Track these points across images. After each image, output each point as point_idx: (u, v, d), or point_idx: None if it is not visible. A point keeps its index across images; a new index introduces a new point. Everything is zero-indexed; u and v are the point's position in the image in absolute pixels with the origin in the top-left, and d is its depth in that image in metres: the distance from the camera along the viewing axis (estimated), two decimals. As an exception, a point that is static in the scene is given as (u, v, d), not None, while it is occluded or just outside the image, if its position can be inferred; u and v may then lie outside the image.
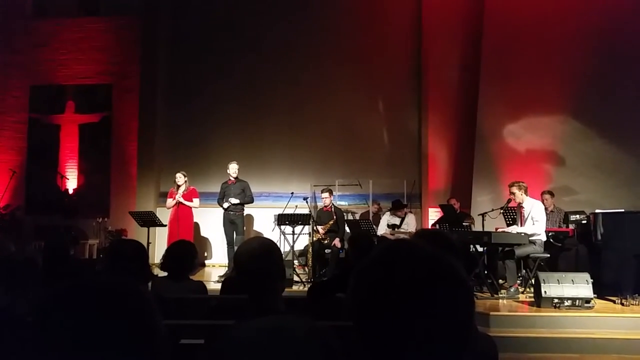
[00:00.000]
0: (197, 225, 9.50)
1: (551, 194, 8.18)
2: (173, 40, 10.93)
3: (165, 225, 8.39)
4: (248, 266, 2.02)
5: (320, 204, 9.25)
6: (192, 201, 8.60)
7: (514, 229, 6.93)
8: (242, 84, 10.50)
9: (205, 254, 10.29)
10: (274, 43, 10.52)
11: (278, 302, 2.06)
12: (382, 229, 8.62)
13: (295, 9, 10.53)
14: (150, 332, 0.92)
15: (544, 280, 5.97)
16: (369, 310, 0.90)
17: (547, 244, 7.10)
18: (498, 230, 7.18)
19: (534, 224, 6.77)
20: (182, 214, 8.51)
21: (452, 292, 0.90)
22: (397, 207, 8.67)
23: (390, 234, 8.48)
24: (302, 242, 8.72)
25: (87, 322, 0.87)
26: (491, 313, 5.73)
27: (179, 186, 8.58)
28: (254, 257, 2.02)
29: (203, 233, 10.18)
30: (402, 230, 8.47)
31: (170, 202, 8.59)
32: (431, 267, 0.91)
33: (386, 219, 8.76)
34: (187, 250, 3.70)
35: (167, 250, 3.74)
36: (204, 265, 10.07)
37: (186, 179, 8.62)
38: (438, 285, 0.90)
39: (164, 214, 8.70)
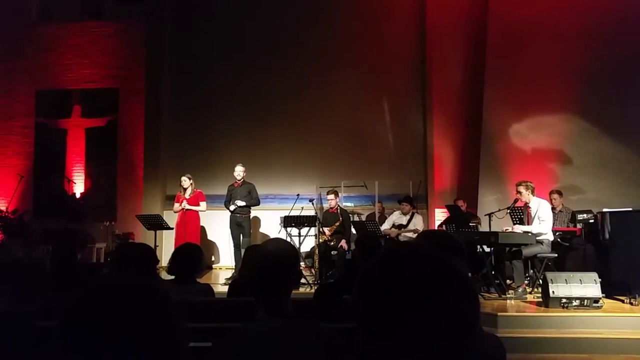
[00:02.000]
0: (203, 228, 9.51)
1: (559, 193, 8.13)
2: (178, 43, 10.96)
3: (172, 229, 8.42)
4: (272, 269, 1.98)
5: (326, 206, 9.25)
6: (198, 205, 8.62)
7: (519, 228, 6.91)
8: (247, 87, 10.51)
9: (212, 257, 10.31)
10: (279, 46, 10.54)
11: (287, 305, 2.05)
12: (386, 225, 8.66)
13: (300, 13, 10.55)
14: (174, 332, 0.96)
15: (551, 280, 5.94)
16: (374, 312, 0.90)
17: (554, 244, 7.06)
18: (504, 230, 7.15)
19: (540, 223, 6.74)
20: (189, 217, 8.54)
21: (457, 294, 0.90)
22: (402, 200, 8.72)
23: (397, 234, 8.48)
24: (309, 243, 8.72)
25: (115, 321, 0.91)
26: (499, 313, 5.71)
27: (185, 189, 8.60)
28: (280, 263, 1.99)
29: (209, 236, 10.20)
30: (409, 229, 8.47)
31: (177, 207, 8.63)
32: (436, 269, 0.92)
33: (393, 218, 8.78)
34: (193, 253, 3.71)
35: (173, 254, 3.74)
36: (210, 267, 10.08)
37: (192, 181, 8.63)
38: (443, 287, 0.90)
39: (171, 217, 8.73)
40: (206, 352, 1.83)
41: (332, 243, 8.39)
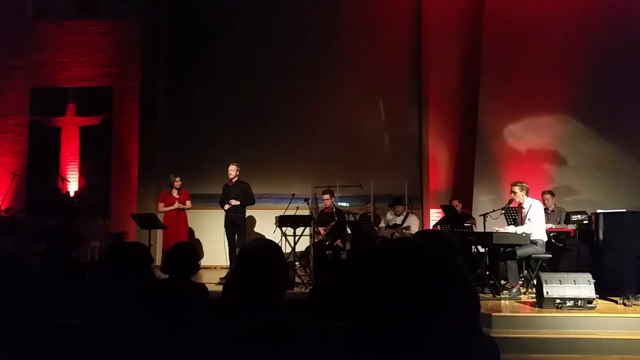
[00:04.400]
0: (191, 227, 9.49)
1: (551, 193, 8.17)
2: (173, 41, 10.92)
3: (166, 227, 8.43)
4: (251, 266, 2.02)
5: (321, 206, 9.25)
6: (185, 204, 8.79)
7: (510, 229, 6.94)
8: (242, 86, 10.49)
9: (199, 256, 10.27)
10: (275, 44, 10.51)
11: (279, 300, 2.05)
12: (382, 225, 8.75)
13: (295, 12, 10.53)
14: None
15: (545, 280, 5.96)
16: (373, 310, 0.90)
17: (548, 244, 7.08)
18: (494, 231, 7.17)
19: (526, 223, 6.79)
20: (181, 217, 8.67)
21: (457, 292, 0.90)
22: (393, 203, 8.76)
23: (392, 234, 8.49)
24: (304, 243, 8.71)
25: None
26: (493, 314, 5.72)
27: (176, 190, 8.69)
28: (258, 258, 2.02)
29: (197, 235, 10.16)
30: (404, 226, 8.50)
31: (161, 206, 8.76)
32: (436, 267, 0.91)
33: (388, 217, 8.83)
34: (189, 252, 3.69)
35: (168, 252, 3.73)
36: (198, 267, 10.02)
37: (181, 182, 8.76)
38: (443, 286, 0.89)
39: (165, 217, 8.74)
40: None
41: (327, 243, 8.39)
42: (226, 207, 8.32)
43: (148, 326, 0.95)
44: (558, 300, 5.85)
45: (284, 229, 8.28)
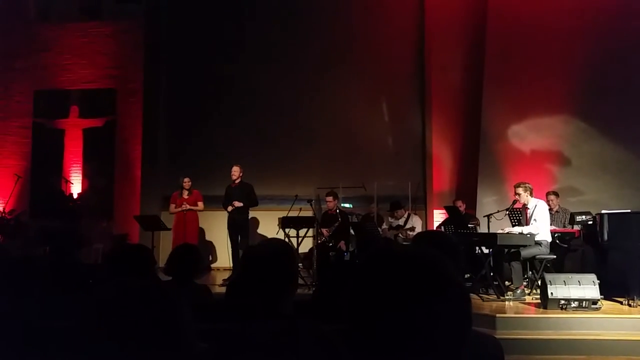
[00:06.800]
0: (202, 229, 9.51)
1: (556, 194, 8.13)
2: (176, 43, 10.94)
3: (169, 229, 8.42)
4: (256, 268, 1.98)
5: (324, 207, 9.23)
6: (197, 205, 8.69)
7: (516, 230, 6.91)
8: (245, 87, 10.48)
9: (210, 258, 10.28)
10: (277, 46, 10.51)
11: (286, 306, 2.02)
12: (384, 225, 8.77)
13: (298, 14, 10.53)
14: (183, 332, 1.01)
15: (550, 281, 5.94)
16: (365, 313, 0.90)
17: (553, 245, 7.06)
18: (500, 232, 7.15)
19: (532, 223, 6.77)
20: (188, 217, 8.60)
21: (445, 293, 0.90)
22: (392, 209, 8.73)
23: (394, 235, 8.48)
24: (307, 245, 8.70)
25: (126, 324, 0.95)
26: (497, 315, 5.70)
27: (186, 190, 8.69)
28: (265, 260, 1.97)
29: (208, 237, 10.17)
30: (408, 228, 8.49)
31: (173, 207, 8.70)
32: (426, 273, 0.92)
33: (389, 220, 8.84)
34: (191, 254, 3.68)
35: (171, 254, 3.72)
36: (209, 268, 10.05)
37: (190, 182, 8.72)
38: (432, 292, 0.90)
39: (169, 218, 8.72)
40: (201, 354, 1.81)
41: (331, 244, 8.38)
42: (229, 208, 8.32)
43: (129, 328, 0.95)
44: (562, 301, 5.82)
45: (287, 230, 8.27)
